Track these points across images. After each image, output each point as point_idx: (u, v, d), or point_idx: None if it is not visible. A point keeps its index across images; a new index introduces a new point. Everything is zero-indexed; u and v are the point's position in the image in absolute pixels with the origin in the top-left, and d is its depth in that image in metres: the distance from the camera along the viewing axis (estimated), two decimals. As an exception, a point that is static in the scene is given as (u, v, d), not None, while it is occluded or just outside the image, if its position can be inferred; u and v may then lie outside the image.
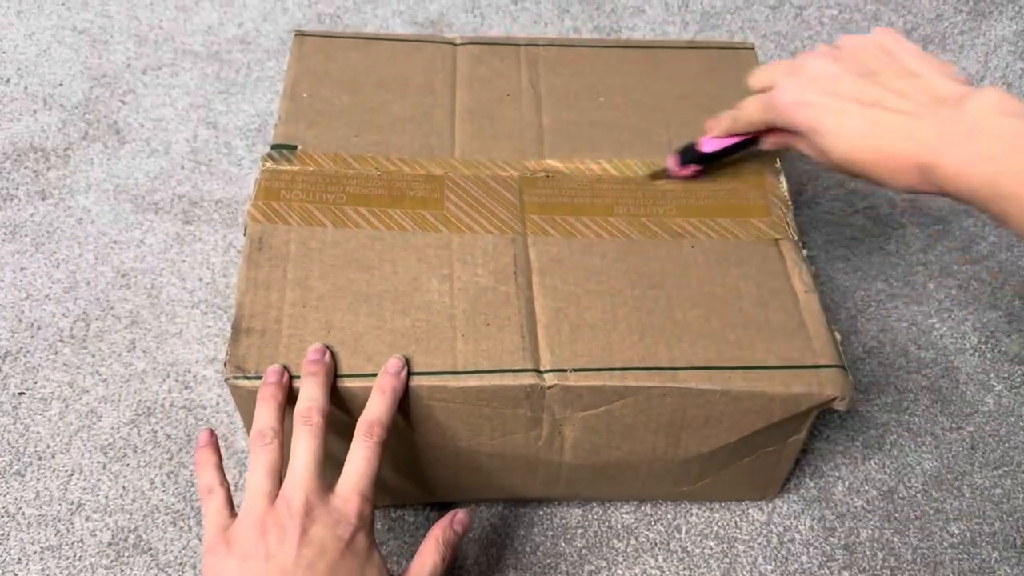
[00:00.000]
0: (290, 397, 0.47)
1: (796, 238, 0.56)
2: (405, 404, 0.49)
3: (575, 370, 0.49)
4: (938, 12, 0.98)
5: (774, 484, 0.60)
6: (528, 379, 0.48)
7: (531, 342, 0.50)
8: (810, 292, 0.53)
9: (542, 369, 0.49)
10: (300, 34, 0.67)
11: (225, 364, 0.48)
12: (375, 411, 0.46)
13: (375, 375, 0.48)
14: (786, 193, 0.58)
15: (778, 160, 0.60)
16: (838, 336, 0.51)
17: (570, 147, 0.61)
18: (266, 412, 0.46)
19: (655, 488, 0.59)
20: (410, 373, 0.48)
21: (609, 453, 0.53)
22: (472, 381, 0.48)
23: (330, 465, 0.55)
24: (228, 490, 0.46)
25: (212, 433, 0.49)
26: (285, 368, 0.47)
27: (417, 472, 0.55)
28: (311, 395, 0.46)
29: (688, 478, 0.57)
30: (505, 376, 0.48)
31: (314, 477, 0.44)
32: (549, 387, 0.48)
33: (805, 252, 0.55)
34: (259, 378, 0.47)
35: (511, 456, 0.54)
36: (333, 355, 0.48)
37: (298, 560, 0.41)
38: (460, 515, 0.50)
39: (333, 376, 0.47)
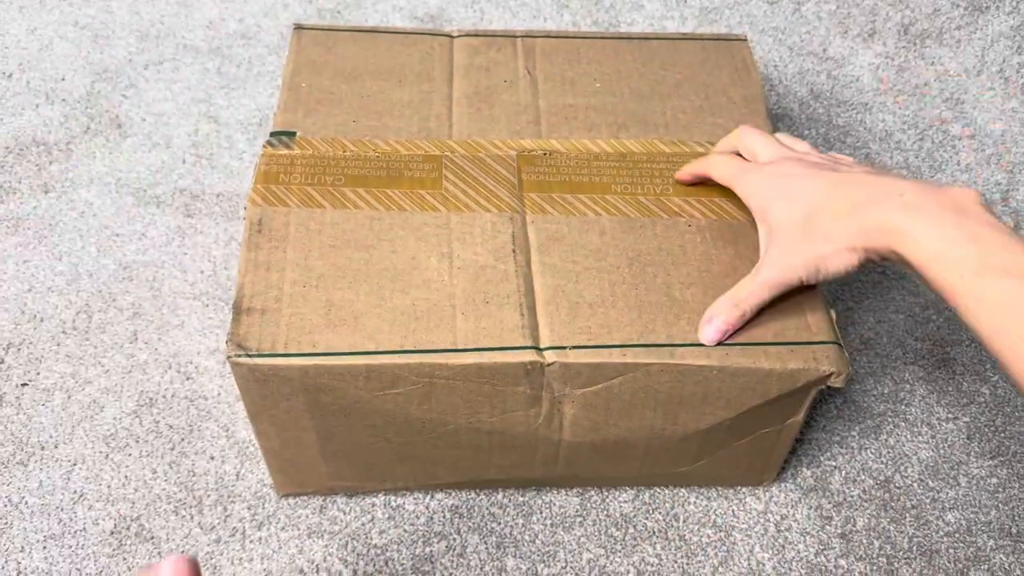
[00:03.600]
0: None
1: None
2: (406, 382, 0.49)
3: (574, 347, 0.49)
4: (936, 6, 0.99)
5: (771, 468, 0.60)
6: (528, 356, 0.49)
7: (531, 320, 0.50)
8: None
9: (542, 346, 0.49)
10: (299, 27, 0.67)
11: (227, 342, 0.48)
12: None
13: (376, 353, 0.48)
14: None
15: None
16: (833, 314, 0.52)
17: (568, 129, 0.61)
18: None
19: (653, 468, 0.59)
20: (411, 351, 0.48)
21: (608, 431, 0.54)
22: (472, 359, 0.48)
23: (332, 450, 0.56)
24: None
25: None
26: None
27: (416, 453, 0.56)
28: None
29: (686, 458, 0.57)
30: (506, 354, 0.49)
31: None
32: (548, 364, 0.49)
33: None
34: (260, 355, 0.48)
35: (510, 434, 0.54)
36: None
37: None
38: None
39: None
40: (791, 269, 0.48)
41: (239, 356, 0.48)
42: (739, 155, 0.56)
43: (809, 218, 0.47)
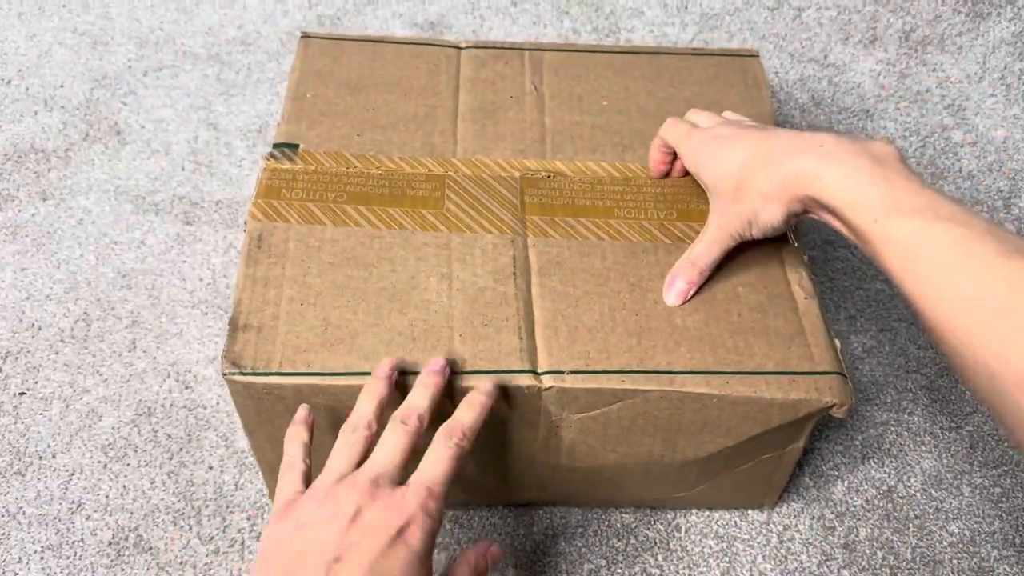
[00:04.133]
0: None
1: (797, 244, 0.56)
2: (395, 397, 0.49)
3: (572, 372, 0.48)
4: (937, 13, 0.99)
5: (772, 492, 0.59)
6: (525, 380, 0.48)
7: (529, 343, 0.50)
8: (810, 299, 0.53)
9: (539, 371, 0.49)
10: (306, 36, 0.67)
11: (222, 359, 0.48)
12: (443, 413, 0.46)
13: (370, 374, 0.48)
14: None
15: None
16: (838, 344, 0.51)
17: (572, 148, 0.60)
18: (365, 405, 0.46)
19: (651, 493, 0.59)
20: (407, 372, 0.48)
21: (605, 456, 0.53)
22: (469, 381, 0.48)
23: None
24: (309, 468, 0.45)
25: (310, 412, 0.48)
26: (399, 366, 0.47)
27: None
28: (418, 402, 0.46)
29: (685, 483, 0.57)
30: (503, 377, 0.48)
31: (389, 467, 0.43)
32: (546, 389, 0.48)
33: (806, 257, 0.55)
34: (255, 373, 0.47)
35: (506, 458, 0.53)
36: (451, 368, 0.48)
37: (343, 539, 0.40)
38: (495, 549, 0.48)
39: (445, 387, 0.47)
40: (729, 224, 0.51)
41: (234, 373, 0.47)
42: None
43: (740, 174, 0.50)
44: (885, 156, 0.45)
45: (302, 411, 0.48)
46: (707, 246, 0.52)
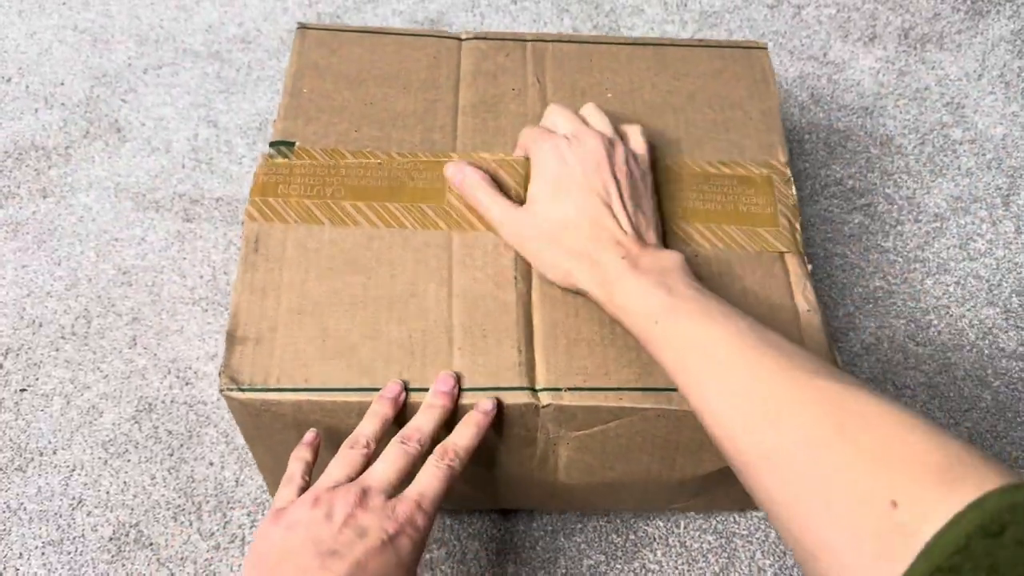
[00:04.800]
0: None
1: (802, 252, 0.54)
2: (400, 417, 0.48)
3: (570, 389, 0.48)
4: (936, 11, 0.99)
5: None
6: (523, 398, 0.47)
7: (527, 357, 0.49)
8: (812, 311, 0.52)
9: (537, 387, 0.48)
10: (303, 27, 0.65)
11: (219, 374, 0.47)
12: (452, 436, 0.47)
13: (369, 390, 0.47)
14: (796, 203, 0.57)
15: (788, 169, 0.59)
16: (839, 359, 0.50)
17: None
18: (368, 424, 0.47)
19: (648, 504, 0.59)
20: (406, 389, 0.48)
21: (603, 474, 0.53)
22: (467, 399, 0.47)
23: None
24: (307, 485, 0.47)
25: (317, 435, 0.49)
26: (405, 386, 0.48)
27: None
28: (421, 424, 0.47)
29: (682, 496, 0.56)
30: (501, 395, 0.48)
31: (383, 482, 0.45)
32: (544, 407, 0.48)
33: (810, 267, 0.54)
34: (252, 389, 0.47)
35: (503, 474, 0.53)
36: (459, 385, 0.48)
37: (337, 537, 0.42)
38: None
39: (453, 409, 0.48)
40: (522, 243, 0.52)
41: (231, 390, 0.47)
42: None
43: (552, 229, 0.51)
44: (670, 266, 0.48)
45: (310, 434, 0.49)
46: (498, 222, 0.53)
